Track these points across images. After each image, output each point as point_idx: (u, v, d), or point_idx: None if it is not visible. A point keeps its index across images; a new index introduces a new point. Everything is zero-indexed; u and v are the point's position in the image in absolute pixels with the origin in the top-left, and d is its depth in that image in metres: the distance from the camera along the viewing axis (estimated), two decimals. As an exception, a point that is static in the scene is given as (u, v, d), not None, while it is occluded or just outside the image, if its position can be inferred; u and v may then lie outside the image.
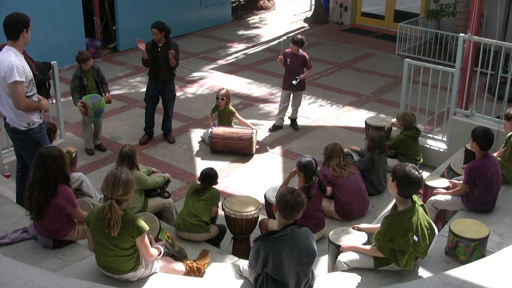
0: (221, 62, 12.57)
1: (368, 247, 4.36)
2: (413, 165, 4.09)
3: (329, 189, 5.98)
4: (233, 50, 13.51)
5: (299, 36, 8.62)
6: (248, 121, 8.55)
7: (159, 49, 7.95)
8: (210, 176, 5.76)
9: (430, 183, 5.83)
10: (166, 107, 8.40)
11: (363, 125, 8.08)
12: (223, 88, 8.37)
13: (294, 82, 8.55)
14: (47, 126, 5.83)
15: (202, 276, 4.64)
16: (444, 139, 7.68)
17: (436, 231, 4.26)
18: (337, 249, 4.51)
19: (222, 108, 8.28)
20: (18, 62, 5.03)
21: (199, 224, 5.49)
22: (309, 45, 12.75)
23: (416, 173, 3.99)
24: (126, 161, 5.62)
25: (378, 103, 10.20)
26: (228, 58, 12.87)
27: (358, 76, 11.65)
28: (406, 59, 7.75)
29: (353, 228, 4.78)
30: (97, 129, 8.23)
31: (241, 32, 15.12)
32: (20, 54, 5.16)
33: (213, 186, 5.78)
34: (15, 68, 4.97)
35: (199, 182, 5.78)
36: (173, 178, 7.03)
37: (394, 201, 4.30)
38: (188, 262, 4.63)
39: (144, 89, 8.64)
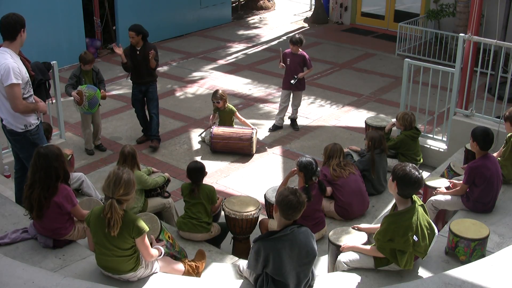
0: (221, 62, 12.57)
1: (368, 247, 4.36)
2: (413, 165, 4.09)
3: (329, 189, 5.98)
4: (233, 50, 13.51)
5: (297, 35, 8.60)
6: (248, 121, 8.55)
7: (138, 53, 7.99)
8: (197, 170, 5.57)
9: (430, 183, 5.83)
10: (149, 108, 8.36)
11: (363, 125, 8.08)
12: (217, 90, 8.31)
13: (292, 81, 8.55)
14: (43, 126, 5.81)
15: (200, 276, 4.64)
16: (444, 139, 7.68)
17: (436, 231, 4.26)
18: (337, 249, 4.51)
19: (222, 108, 8.28)
20: (15, 64, 5.01)
21: (199, 224, 5.50)
22: (309, 45, 12.76)
23: (416, 173, 3.99)
24: (129, 160, 5.62)
25: (378, 103, 10.20)
26: (228, 58, 12.87)
27: (358, 76, 11.65)
28: (406, 59, 7.75)
29: (353, 228, 4.78)
30: (96, 129, 8.23)
31: (241, 32, 15.12)
32: (16, 55, 5.14)
33: (205, 183, 5.62)
34: (12, 70, 4.95)
35: (190, 181, 5.62)
36: (173, 178, 7.03)
37: (394, 201, 4.30)
38: (188, 261, 4.63)
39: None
